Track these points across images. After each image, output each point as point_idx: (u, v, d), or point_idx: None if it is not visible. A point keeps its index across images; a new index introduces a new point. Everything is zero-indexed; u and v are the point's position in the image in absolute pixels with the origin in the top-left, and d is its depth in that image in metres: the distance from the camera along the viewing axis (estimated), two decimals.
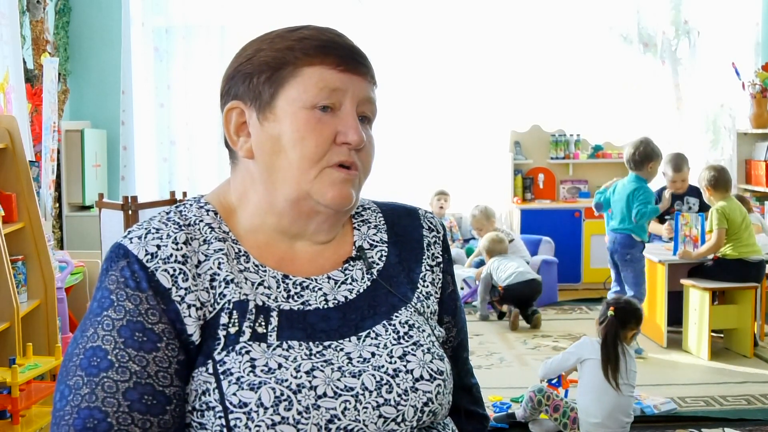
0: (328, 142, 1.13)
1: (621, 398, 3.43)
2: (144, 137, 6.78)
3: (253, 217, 1.18)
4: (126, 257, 1.10)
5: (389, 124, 6.77)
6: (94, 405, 1.01)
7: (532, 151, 7.22)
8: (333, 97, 1.13)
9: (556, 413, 3.58)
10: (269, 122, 1.14)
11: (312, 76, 1.13)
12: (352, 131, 1.13)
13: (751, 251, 4.87)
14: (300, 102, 1.13)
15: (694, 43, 7.22)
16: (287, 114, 1.13)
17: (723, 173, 4.99)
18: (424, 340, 1.15)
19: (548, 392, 3.62)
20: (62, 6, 6.46)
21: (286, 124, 1.13)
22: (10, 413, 3.01)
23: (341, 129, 1.13)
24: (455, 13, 6.89)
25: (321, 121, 1.13)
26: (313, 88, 1.12)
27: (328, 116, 1.13)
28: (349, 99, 1.14)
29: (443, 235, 1.31)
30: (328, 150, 1.13)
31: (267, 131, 1.14)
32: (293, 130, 1.12)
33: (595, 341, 3.56)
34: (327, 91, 1.13)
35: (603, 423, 3.42)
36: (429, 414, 1.11)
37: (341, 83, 1.13)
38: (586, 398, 3.48)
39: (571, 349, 3.62)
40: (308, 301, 1.14)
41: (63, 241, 6.19)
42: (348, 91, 1.14)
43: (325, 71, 1.13)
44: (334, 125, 1.13)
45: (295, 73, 1.13)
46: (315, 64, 1.13)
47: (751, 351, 4.83)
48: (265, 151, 1.15)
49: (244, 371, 1.04)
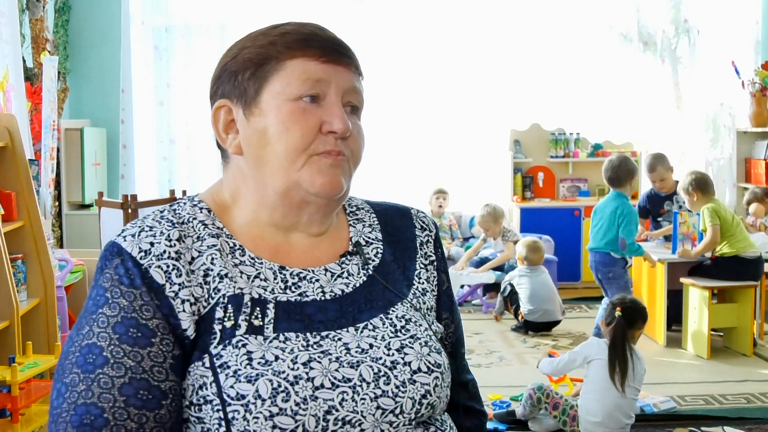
0: (314, 131, 1.14)
1: (623, 399, 3.44)
2: (144, 136, 6.78)
3: (246, 212, 1.19)
4: (120, 255, 1.11)
5: (389, 123, 6.78)
6: (90, 401, 1.02)
7: (531, 150, 7.22)
8: (317, 87, 1.14)
9: (555, 411, 3.58)
10: (255, 117, 1.15)
11: (295, 68, 1.14)
12: (337, 120, 1.14)
13: (746, 246, 4.90)
14: (284, 95, 1.14)
15: (693, 42, 7.22)
16: (272, 107, 1.14)
17: (705, 176, 5.06)
18: (421, 334, 1.16)
19: (547, 390, 3.63)
20: (62, 4, 6.46)
21: (271, 117, 1.14)
22: (10, 412, 3.01)
23: (326, 118, 1.14)
24: (455, 12, 6.90)
25: (306, 112, 1.14)
26: (296, 80, 1.14)
27: (313, 107, 1.14)
28: (333, 89, 1.15)
29: (435, 234, 1.32)
30: (313, 140, 1.14)
31: (253, 126, 1.16)
32: (278, 122, 1.13)
33: (602, 342, 3.56)
34: (310, 82, 1.14)
35: (603, 422, 3.43)
36: (427, 406, 1.12)
37: (324, 74, 1.14)
38: (588, 397, 3.48)
39: (578, 349, 3.62)
40: (305, 293, 1.15)
41: (63, 240, 6.19)
42: (332, 82, 1.15)
43: (307, 63, 1.14)
44: (319, 115, 1.14)
45: (278, 67, 1.14)
46: (297, 56, 1.14)
47: (751, 349, 4.83)
48: (253, 146, 1.16)
49: (241, 364, 1.05)
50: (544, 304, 5.37)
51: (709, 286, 4.83)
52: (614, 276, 5.02)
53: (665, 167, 5.52)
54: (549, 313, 5.38)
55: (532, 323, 5.37)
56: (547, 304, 5.38)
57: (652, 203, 5.62)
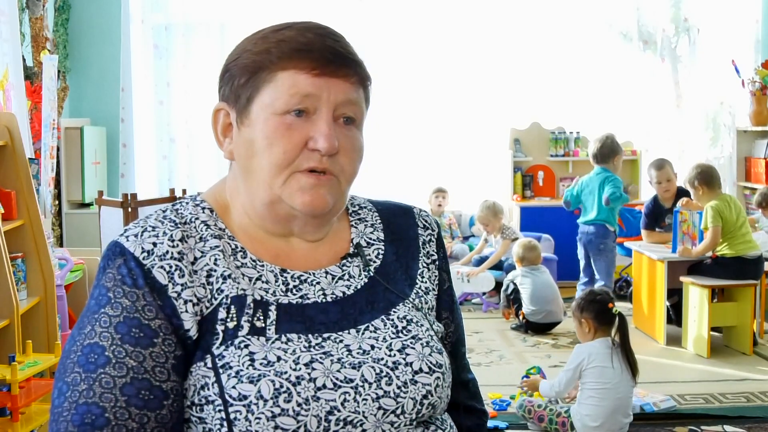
0: (298, 148, 1.12)
1: (620, 400, 3.42)
2: (143, 134, 6.78)
3: (242, 215, 1.19)
4: (122, 255, 1.11)
5: (389, 122, 6.77)
6: (91, 401, 1.02)
7: (531, 149, 7.22)
8: (305, 102, 1.12)
9: (542, 423, 3.58)
10: (245, 126, 1.15)
11: (285, 81, 1.12)
12: (323, 138, 1.12)
13: (748, 247, 4.88)
14: (271, 108, 1.13)
15: (693, 41, 7.22)
16: (260, 120, 1.13)
17: (711, 170, 5.01)
18: (423, 334, 1.17)
19: (528, 406, 3.62)
20: (62, 3, 6.45)
21: (258, 130, 1.13)
22: (10, 410, 3.01)
23: (313, 135, 1.12)
24: (455, 11, 6.89)
25: (291, 128, 1.12)
26: (284, 94, 1.12)
27: (300, 121, 1.12)
28: (323, 103, 1.13)
29: (438, 233, 1.32)
30: (297, 156, 1.12)
31: (243, 135, 1.15)
32: (263, 137, 1.13)
33: (590, 348, 3.50)
34: (299, 96, 1.12)
35: (603, 425, 3.41)
36: (428, 407, 1.12)
37: (314, 88, 1.12)
38: (586, 403, 3.45)
39: (571, 365, 3.52)
40: (307, 295, 1.15)
41: (63, 239, 6.19)
42: (322, 96, 1.12)
43: (298, 76, 1.12)
44: (306, 131, 1.12)
45: (269, 78, 1.13)
46: (289, 68, 1.12)
47: (751, 348, 4.83)
48: (242, 155, 1.16)
49: (243, 365, 1.05)
50: (547, 305, 5.34)
51: (708, 285, 4.83)
52: (605, 248, 5.21)
53: (672, 168, 5.55)
54: (552, 314, 5.36)
55: (534, 324, 5.35)
56: (550, 305, 5.35)
57: (654, 215, 5.58)
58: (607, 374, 3.43)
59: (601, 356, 3.46)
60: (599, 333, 3.54)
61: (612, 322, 3.53)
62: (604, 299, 3.58)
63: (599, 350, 3.48)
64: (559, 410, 3.56)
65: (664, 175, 5.46)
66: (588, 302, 3.59)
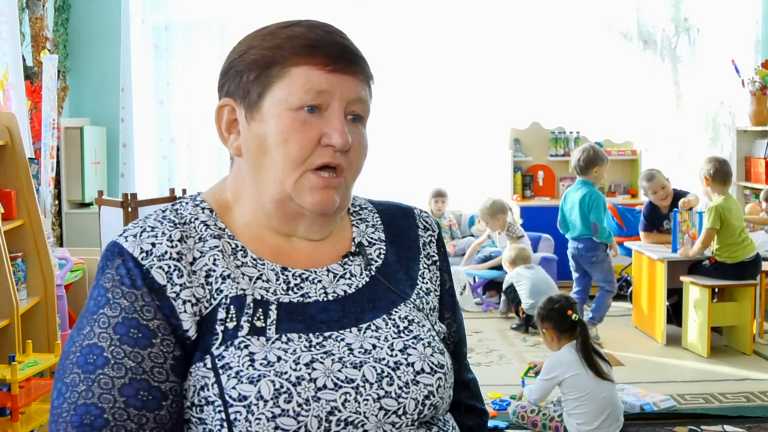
0: (313, 144, 1.12)
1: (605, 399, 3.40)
2: (143, 134, 6.78)
3: (247, 213, 1.19)
4: (121, 255, 1.10)
5: (389, 122, 6.76)
6: (90, 401, 1.02)
7: (531, 149, 7.22)
8: (319, 98, 1.12)
9: (536, 428, 3.58)
10: (256, 122, 1.14)
11: (299, 77, 1.12)
12: (337, 134, 1.12)
13: (746, 252, 4.87)
14: (286, 104, 1.12)
15: (693, 41, 7.22)
16: (273, 115, 1.13)
17: (724, 165, 4.96)
18: (425, 335, 1.16)
19: (521, 412, 3.62)
20: (62, 3, 6.45)
21: (271, 126, 1.13)
22: (10, 410, 3.01)
23: (326, 131, 1.12)
24: (455, 11, 6.89)
25: (306, 123, 1.12)
26: (299, 89, 1.12)
27: (314, 117, 1.12)
28: (336, 100, 1.13)
29: (438, 234, 1.32)
30: (312, 152, 1.12)
31: (254, 131, 1.15)
32: (278, 132, 1.12)
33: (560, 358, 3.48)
34: (313, 92, 1.12)
35: (600, 426, 3.41)
36: (430, 407, 1.12)
37: (328, 84, 1.12)
38: (574, 413, 3.44)
39: (546, 376, 3.50)
40: (308, 294, 1.15)
41: (62, 239, 6.19)
42: (335, 93, 1.13)
43: (312, 72, 1.12)
44: (319, 127, 1.12)
45: (282, 73, 1.13)
46: (302, 64, 1.12)
47: (751, 348, 4.83)
48: (252, 151, 1.15)
49: (243, 365, 1.05)
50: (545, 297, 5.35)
51: (708, 285, 4.83)
52: (597, 260, 5.20)
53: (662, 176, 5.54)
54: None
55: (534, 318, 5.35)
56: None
57: (652, 219, 5.58)
58: (582, 381, 3.40)
59: (573, 365, 3.43)
60: (563, 340, 3.53)
61: (574, 329, 3.51)
62: (562, 307, 3.57)
63: (569, 358, 3.45)
64: (552, 414, 3.56)
65: (658, 185, 5.46)
66: (547, 311, 3.60)
